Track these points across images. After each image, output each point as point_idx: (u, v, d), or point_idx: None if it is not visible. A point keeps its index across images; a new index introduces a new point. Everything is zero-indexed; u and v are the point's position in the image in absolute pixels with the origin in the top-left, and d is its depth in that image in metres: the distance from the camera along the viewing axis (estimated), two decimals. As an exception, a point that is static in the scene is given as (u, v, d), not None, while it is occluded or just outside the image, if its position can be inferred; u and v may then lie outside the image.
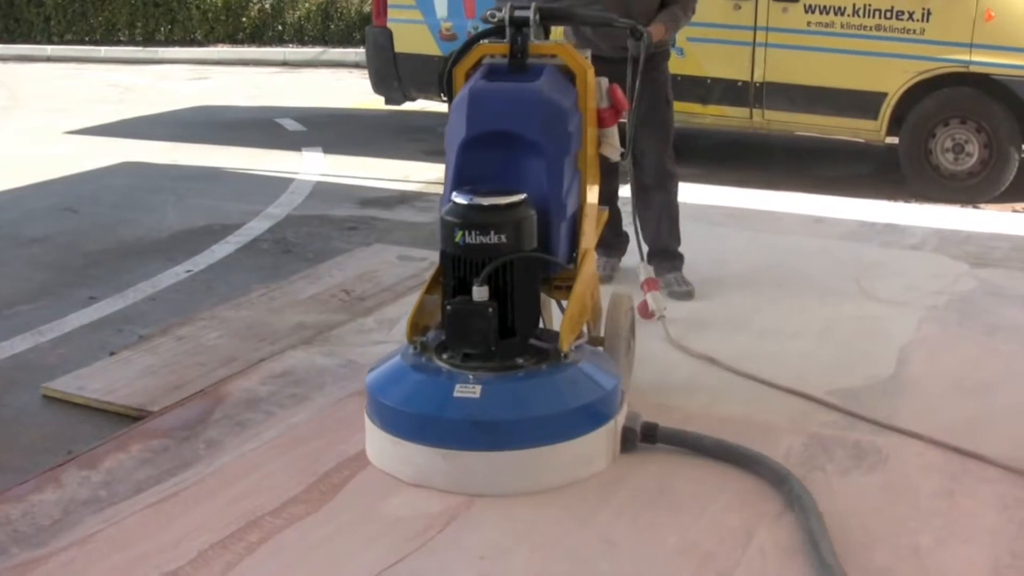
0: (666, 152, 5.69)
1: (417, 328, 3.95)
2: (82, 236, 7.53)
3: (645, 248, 5.28)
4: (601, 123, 4.33)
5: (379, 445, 3.88)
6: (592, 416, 3.80)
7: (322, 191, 8.77)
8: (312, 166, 9.78)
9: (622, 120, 4.45)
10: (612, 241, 5.81)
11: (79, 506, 3.77)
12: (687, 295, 5.59)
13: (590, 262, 4.18)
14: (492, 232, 3.72)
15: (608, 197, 5.33)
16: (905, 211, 7.65)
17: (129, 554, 3.44)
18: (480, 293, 3.70)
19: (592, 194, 4.30)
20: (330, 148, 10.47)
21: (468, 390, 3.69)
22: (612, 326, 4.29)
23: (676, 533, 3.48)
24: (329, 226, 7.71)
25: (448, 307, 3.76)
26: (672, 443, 3.93)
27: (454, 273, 3.82)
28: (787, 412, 4.34)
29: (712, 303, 5.53)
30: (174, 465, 4.03)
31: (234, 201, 8.40)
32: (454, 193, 3.84)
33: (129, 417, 4.53)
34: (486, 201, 3.77)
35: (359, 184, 9.02)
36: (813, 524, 3.40)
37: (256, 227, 7.69)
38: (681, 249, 5.80)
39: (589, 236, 4.20)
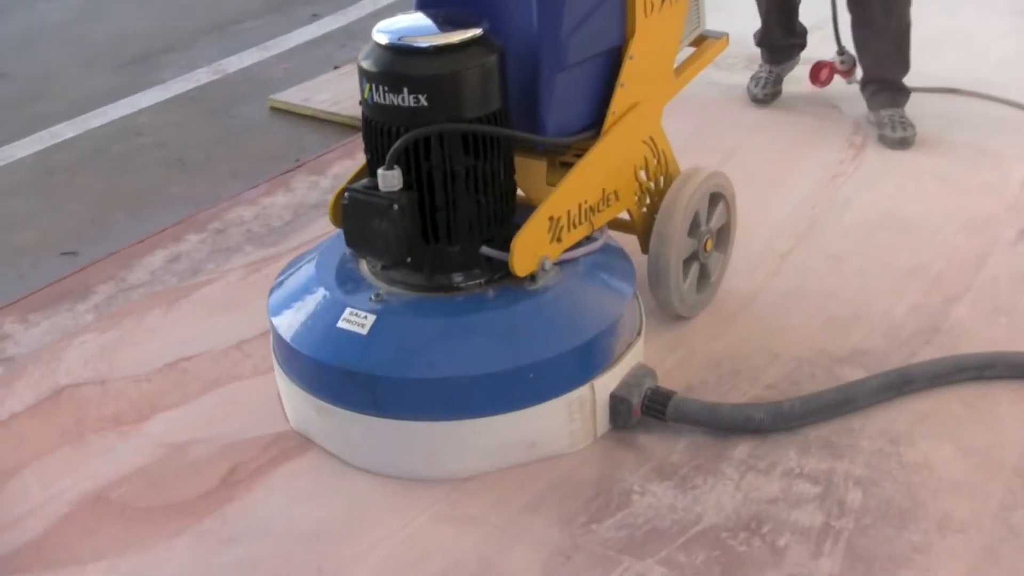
0: None
1: None
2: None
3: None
4: None
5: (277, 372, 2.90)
6: (540, 381, 2.60)
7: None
8: None
9: None
10: (782, 43, 4.48)
11: (308, 209, 3.88)
12: (902, 143, 4.10)
13: (625, 126, 2.87)
14: (406, 89, 2.51)
15: None
16: None
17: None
18: (388, 180, 2.53)
19: (654, 27, 2.89)
20: None
21: (356, 320, 2.61)
22: (662, 223, 2.99)
23: (907, 253, 3.41)
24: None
25: (346, 195, 2.63)
26: (691, 421, 2.73)
27: (370, 144, 2.68)
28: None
29: (946, 31, 5.21)
30: (399, 173, 4.10)
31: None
32: (378, 26, 2.66)
33: (354, 128, 4.58)
34: (416, 42, 2.56)
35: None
36: None
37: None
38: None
39: (637, 89, 2.88)
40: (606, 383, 2.70)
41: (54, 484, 2.67)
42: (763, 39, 4.46)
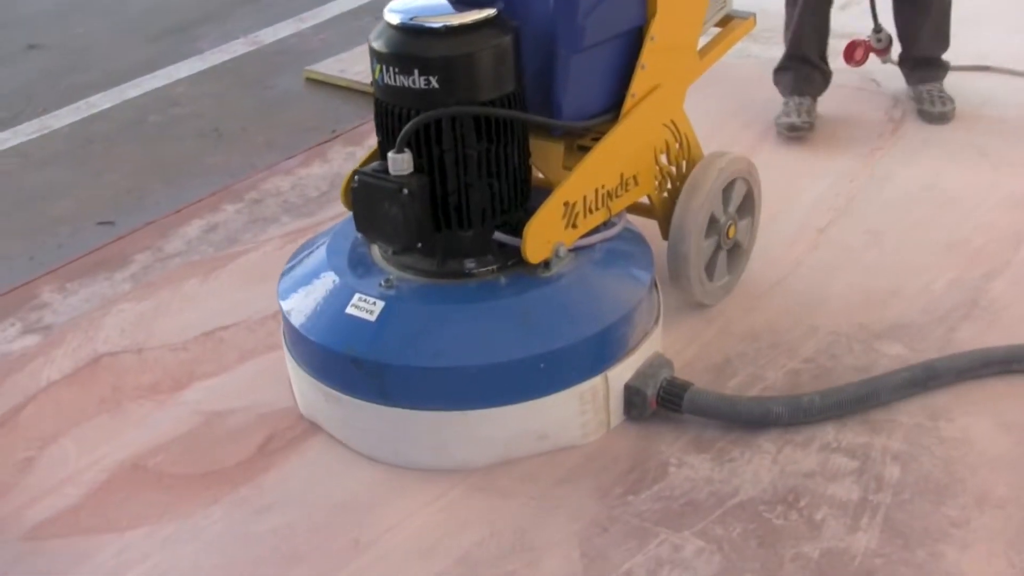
0: None
1: None
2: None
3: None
4: None
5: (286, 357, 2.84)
6: (552, 371, 2.52)
7: None
8: None
9: None
10: (815, 64, 4.07)
11: (344, 180, 3.88)
12: (941, 117, 4.04)
13: (645, 109, 2.77)
14: (416, 71, 2.44)
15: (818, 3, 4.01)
16: None
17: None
18: (398, 164, 2.45)
19: (677, 7, 2.78)
20: None
21: (365, 307, 2.55)
22: (682, 211, 2.88)
23: (946, 228, 3.38)
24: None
25: (355, 179, 2.57)
26: (708, 414, 2.65)
27: (380, 126, 2.60)
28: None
29: (984, 8, 5.14)
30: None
31: None
32: (390, 5, 2.59)
33: (389, 100, 4.59)
34: (427, 22, 2.48)
35: None
36: None
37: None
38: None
39: (658, 71, 2.77)
40: (620, 374, 2.62)
41: (92, 452, 2.70)
42: (792, 57, 4.06)
